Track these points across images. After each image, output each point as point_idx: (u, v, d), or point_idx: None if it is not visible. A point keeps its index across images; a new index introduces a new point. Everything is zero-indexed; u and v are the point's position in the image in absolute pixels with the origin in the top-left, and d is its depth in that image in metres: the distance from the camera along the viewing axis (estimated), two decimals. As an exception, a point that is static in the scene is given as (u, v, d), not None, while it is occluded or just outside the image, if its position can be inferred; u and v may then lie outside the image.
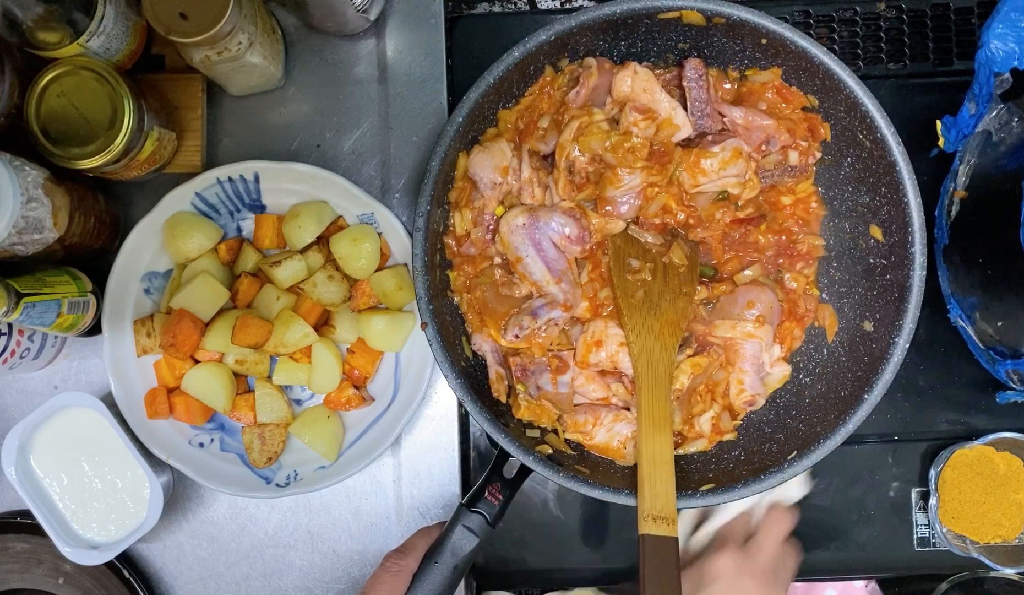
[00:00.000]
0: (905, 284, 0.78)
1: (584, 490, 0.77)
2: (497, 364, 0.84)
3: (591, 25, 0.78)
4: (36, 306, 0.78)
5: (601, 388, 0.84)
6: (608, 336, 0.82)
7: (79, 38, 0.79)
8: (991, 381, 0.91)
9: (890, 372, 0.78)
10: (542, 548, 0.96)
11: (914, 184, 0.77)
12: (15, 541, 0.91)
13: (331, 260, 0.90)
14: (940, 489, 0.92)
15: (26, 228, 0.75)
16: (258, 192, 0.91)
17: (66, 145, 0.78)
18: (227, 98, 0.94)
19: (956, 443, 0.92)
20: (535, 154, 0.84)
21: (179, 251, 0.88)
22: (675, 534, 0.72)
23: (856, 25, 0.97)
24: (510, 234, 0.82)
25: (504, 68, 0.78)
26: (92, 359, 0.93)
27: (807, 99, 0.83)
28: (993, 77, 0.81)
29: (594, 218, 0.83)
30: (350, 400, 0.90)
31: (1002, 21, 0.79)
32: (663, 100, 0.81)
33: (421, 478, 0.94)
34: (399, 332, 0.89)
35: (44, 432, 0.87)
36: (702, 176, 0.82)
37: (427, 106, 0.94)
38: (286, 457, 0.91)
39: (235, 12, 0.76)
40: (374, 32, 0.94)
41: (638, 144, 0.80)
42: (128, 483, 0.88)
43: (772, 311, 0.84)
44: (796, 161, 0.84)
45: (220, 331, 0.86)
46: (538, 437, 0.84)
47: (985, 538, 0.92)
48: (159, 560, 0.94)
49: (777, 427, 0.85)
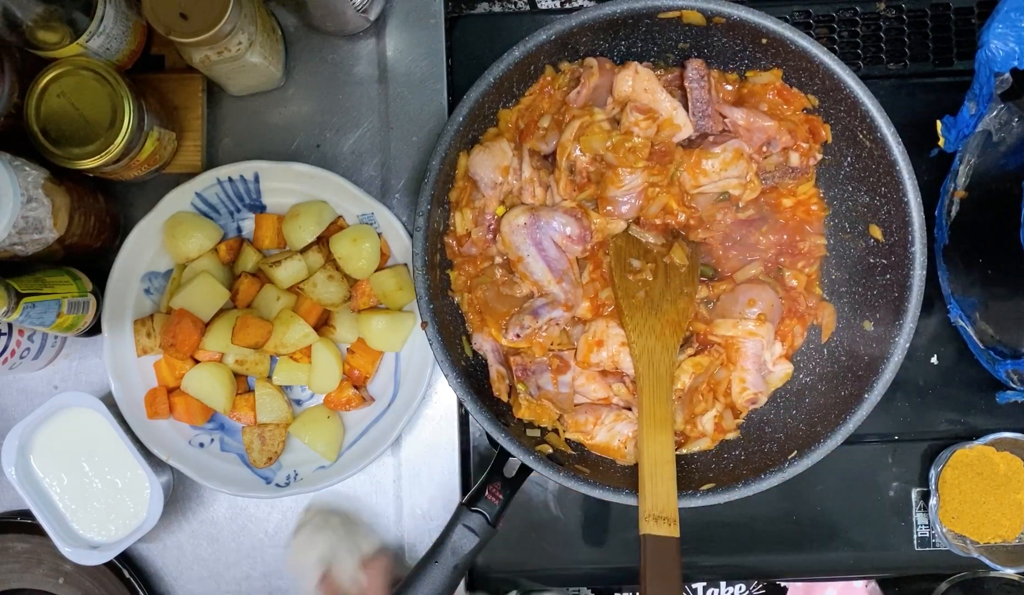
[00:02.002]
0: (905, 284, 0.78)
1: (584, 490, 0.77)
2: (498, 363, 0.84)
3: (591, 25, 0.78)
4: (36, 306, 0.78)
5: (602, 388, 0.84)
6: (609, 336, 0.82)
7: (79, 38, 0.79)
8: (991, 381, 0.91)
9: (890, 372, 0.78)
10: (542, 548, 0.96)
11: (914, 184, 0.77)
12: (15, 541, 0.91)
13: (331, 260, 0.90)
14: (940, 489, 0.92)
15: (26, 228, 0.75)
16: (258, 192, 0.91)
17: (66, 145, 0.78)
18: (227, 98, 0.94)
19: (956, 443, 0.92)
20: (536, 154, 0.84)
21: (179, 251, 0.88)
22: (676, 534, 0.72)
23: (856, 25, 0.97)
24: (511, 234, 0.82)
25: (504, 68, 0.78)
26: (92, 359, 0.93)
27: (807, 100, 0.83)
28: (993, 77, 0.81)
29: (595, 218, 0.83)
30: (350, 400, 0.90)
31: (1002, 21, 0.80)
32: (664, 100, 0.81)
33: (421, 478, 0.94)
34: (399, 332, 0.89)
35: (44, 432, 0.87)
36: (703, 177, 0.82)
37: (427, 106, 0.94)
38: (286, 457, 0.91)
39: (235, 12, 0.76)
40: (374, 32, 0.94)
41: (639, 144, 0.80)
42: (128, 483, 0.88)
43: (773, 309, 0.84)
44: (797, 163, 0.84)
45: (220, 331, 0.86)
46: (538, 437, 0.84)
47: (985, 538, 0.92)
48: (159, 560, 0.94)
49: (777, 427, 0.85)
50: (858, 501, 0.95)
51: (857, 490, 0.95)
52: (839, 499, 0.95)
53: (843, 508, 0.95)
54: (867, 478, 0.95)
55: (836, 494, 0.95)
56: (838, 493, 0.95)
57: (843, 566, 0.97)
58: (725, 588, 1.02)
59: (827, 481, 0.95)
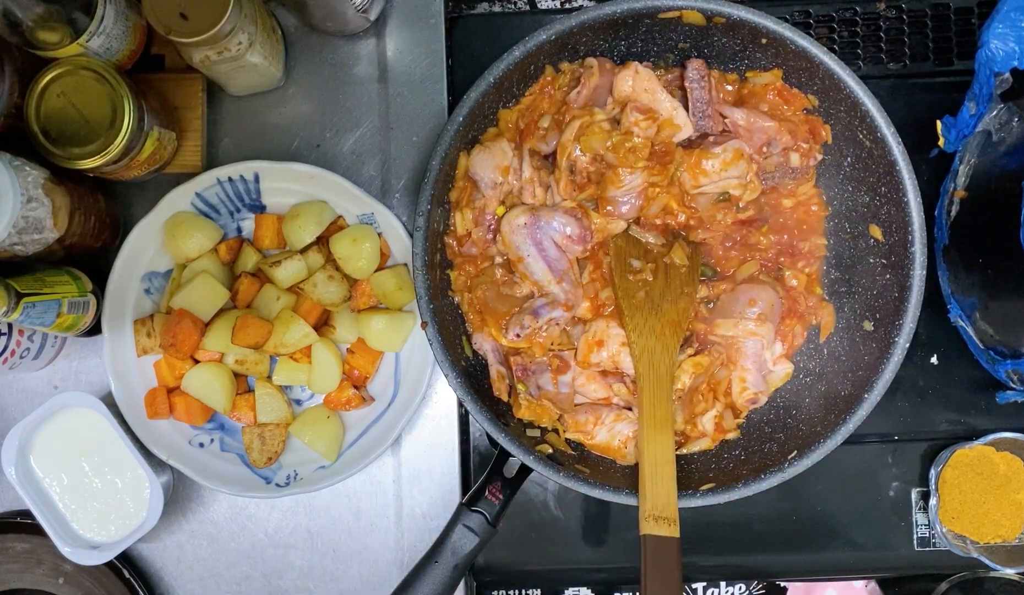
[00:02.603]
0: (905, 284, 0.78)
1: (584, 490, 0.77)
2: (498, 363, 0.84)
3: (591, 25, 0.78)
4: (36, 306, 0.78)
5: (602, 388, 0.84)
6: (610, 336, 0.82)
7: (79, 38, 0.79)
8: (991, 381, 0.91)
9: (890, 372, 0.78)
10: (542, 548, 0.96)
11: (914, 184, 0.77)
12: (15, 541, 0.91)
13: (331, 260, 0.90)
14: (940, 489, 0.92)
15: (26, 228, 0.75)
16: (258, 192, 0.91)
17: (66, 145, 0.78)
18: (227, 98, 0.94)
19: (956, 443, 0.92)
20: (536, 154, 0.84)
21: (179, 251, 0.88)
22: (676, 534, 0.72)
23: (856, 25, 0.97)
24: (511, 234, 0.82)
25: (504, 68, 0.78)
26: (92, 359, 0.93)
27: (808, 100, 0.83)
28: (993, 77, 0.81)
29: (596, 218, 0.83)
30: (350, 400, 0.90)
31: (1002, 21, 0.79)
32: (664, 100, 0.81)
33: (421, 478, 0.94)
34: (399, 332, 0.89)
35: (44, 432, 0.87)
36: (703, 177, 0.82)
37: (427, 106, 0.94)
38: (286, 457, 0.91)
39: (235, 12, 0.76)
40: (374, 32, 0.94)
41: (639, 144, 0.80)
42: (128, 483, 0.88)
43: (773, 309, 0.84)
44: (797, 163, 0.85)
45: (220, 331, 0.86)
46: (538, 436, 0.84)
47: (985, 538, 0.92)
48: (159, 560, 0.94)
49: (777, 427, 0.85)
50: (858, 501, 0.95)
51: (857, 490, 0.95)
52: (839, 499, 0.95)
53: (843, 508, 0.95)
54: (867, 478, 0.95)
55: (836, 494, 0.95)
56: (838, 493, 0.95)
57: (843, 566, 0.97)
58: (725, 588, 1.02)
59: (827, 481, 0.95)
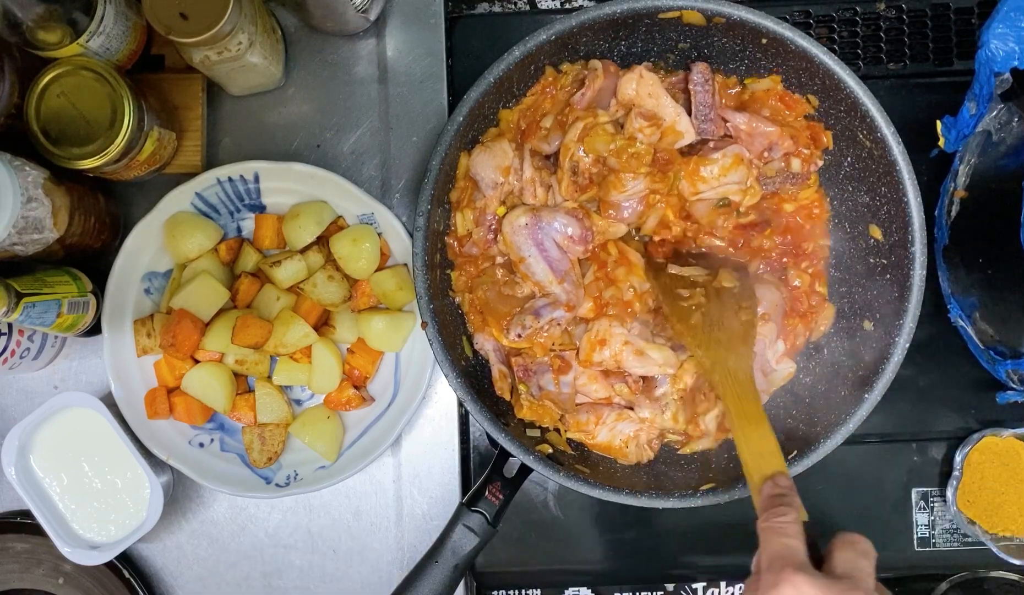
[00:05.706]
0: (905, 284, 0.78)
1: (584, 489, 0.77)
2: (500, 363, 0.85)
3: (591, 25, 0.78)
4: (36, 306, 0.78)
5: (604, 388, 0.84)
6: (612, 335, 0.82)
7: (79, 38, 0.79)
8: (991, 381, 0.91)
9: (890, 372, 0.78)
10: (542, 548, 0.96)
11: (914, 184, 0.77)
12: (15, 541, 0.91)
13: (331, 260, 0.90)
14: (964, 470, 0.92)
15: (26, 228, 0.75)
16: (258, 192, 0.91)
17: (66, 145, 0.78)
18: (227, 98, 0.94)
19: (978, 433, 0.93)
20: (537, 154, 0.84)
21: (179, 251, 0.88)
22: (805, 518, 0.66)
23: (856, 25, 0.97)
24: (513, 234, 0.82)
25: (504, 67, 0.78)
26: (92, 359, 0.93)
27: (808, 102, 0.83)
28: (993, 77, 0.81)
29: (597, 219, 0.83)
30: (350, 400, 0.90)
31: (1002, 21, 0.79)
32: (668, 106, 0.81)
33: (421, 478, 0.94)
34: (399, 332, 0.89)
35: (44, 432, 0.87)
36: (702, 183, 0.82)
37: (427, 106, 0.94)
38: (286, 457, 0.91)
39: (235, 12, 0.76)
40: (374, 32, 0.94)
41: (642, 150, 0.80)
42: (128, 483, 0.88)
43: (776, 308, 0.84)
44: (798, 169, 0.84)
45: (220, 331, 0.86)
46: (538, 436, 0.84)
47: (995, 528, 0.92)
48: (159, 560, 0.94)
49: (777, 427, 0.84)
50: (858, 501, 0.95)
51: (857, 490, 0.95)
52: (839, 499, 0.95)
53: (843, 508, 0.95)
54: (867, 478, 0.95)
55: (836, 494, 0.95)
56: (838, 493, 0.95)
57: (843, 566, 0.96)
58: (725, 588, 1.02)
59: (827, 481, 0.95)
